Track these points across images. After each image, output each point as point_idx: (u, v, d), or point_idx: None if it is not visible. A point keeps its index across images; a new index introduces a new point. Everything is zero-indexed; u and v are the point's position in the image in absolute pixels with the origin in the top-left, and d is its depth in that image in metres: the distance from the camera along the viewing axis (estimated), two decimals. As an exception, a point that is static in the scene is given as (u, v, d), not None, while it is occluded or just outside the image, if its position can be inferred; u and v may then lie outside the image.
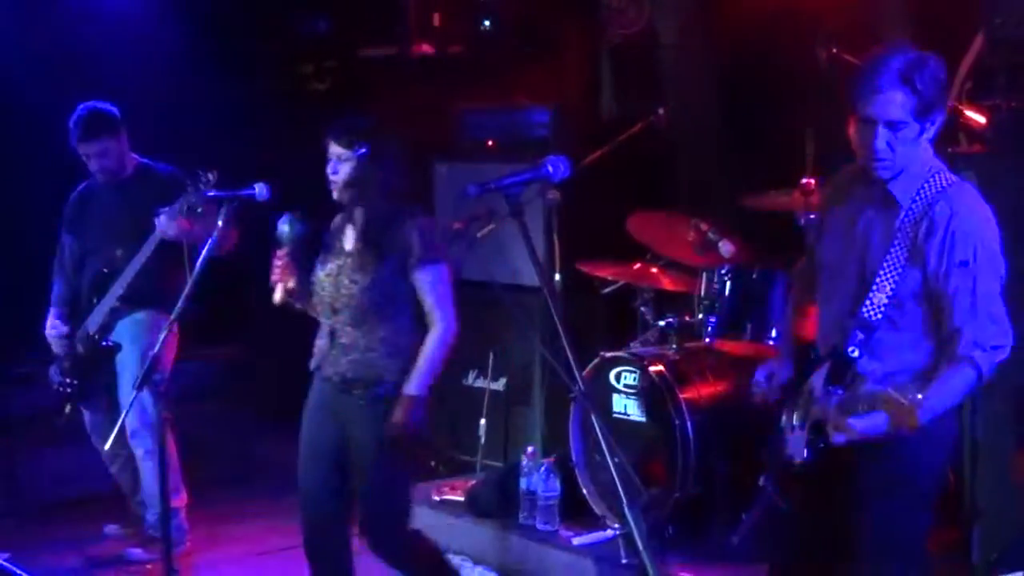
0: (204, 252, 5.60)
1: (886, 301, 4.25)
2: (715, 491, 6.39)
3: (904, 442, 4.15)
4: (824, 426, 4.18)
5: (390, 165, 5.41)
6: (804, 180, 6.34)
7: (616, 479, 3.81)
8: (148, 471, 7.10)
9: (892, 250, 4.28)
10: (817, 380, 4.33)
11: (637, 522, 3.76)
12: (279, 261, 5.49)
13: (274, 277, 5.51)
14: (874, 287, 4.27)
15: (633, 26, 8.50)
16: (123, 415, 5.76)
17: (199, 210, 6.44)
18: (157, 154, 7.26)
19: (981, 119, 5.98)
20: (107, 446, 6.00)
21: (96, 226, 7.17)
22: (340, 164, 5.38)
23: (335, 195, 5.44)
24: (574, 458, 6.76)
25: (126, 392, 6.93)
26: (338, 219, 5.65)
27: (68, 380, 7.07)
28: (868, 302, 4.27)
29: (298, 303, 5.58)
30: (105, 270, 7.02)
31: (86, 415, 7.21)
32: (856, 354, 4.22)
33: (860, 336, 4.24)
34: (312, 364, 5.60)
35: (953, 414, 4.43)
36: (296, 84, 10.26)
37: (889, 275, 4.26)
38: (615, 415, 6.69)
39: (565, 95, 8.54)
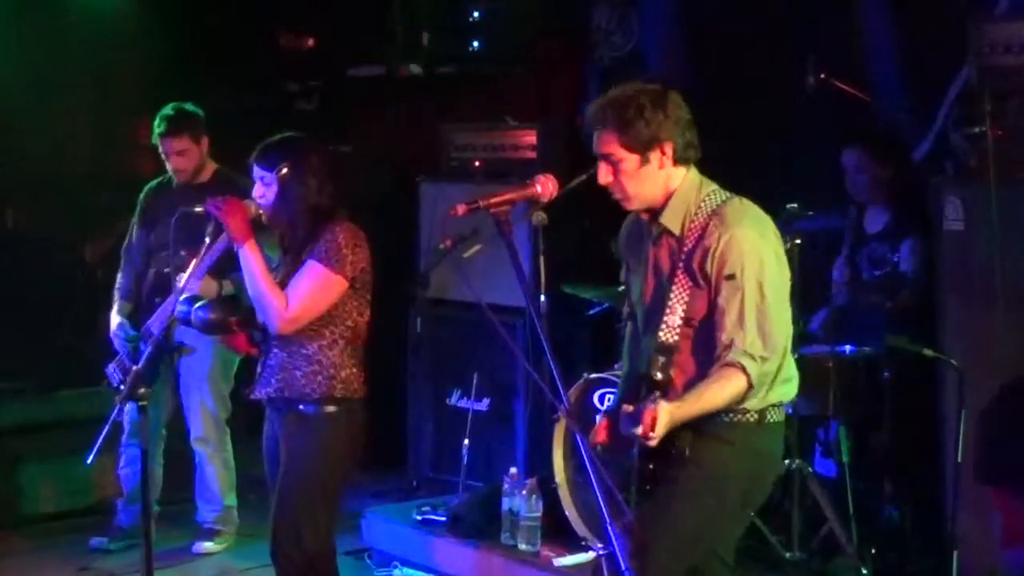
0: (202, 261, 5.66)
1: (679, 323, 4.39)
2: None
3: (712, 451, 4.35)
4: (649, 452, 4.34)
5: (312, 183, 5.35)
6: (788, 204, 6.35)
7: (600, 499, 3.80)
8: (211, 471, 7.47)
9: (678, 275, 4.42)
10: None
11: (620, 542, 3.75)
12: (234, 345, 5.60)
13: (244, 352, 5.60)
14: (667, 311, 4.41)
15: (621, 49, 8.52)
16: (103, 432, 5.70)
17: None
18: (142, 173, 7.28)
19: (967, 147, 6.00)
20: (89, 460, 5.95)
21: (166, 224, 7.19)
22: (264, 186, 5.35)
23: (263, 220, 5.38)
24: (556, 479, 6.76)
25: (189, 392, 7.37)
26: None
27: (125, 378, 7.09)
28: (664, 326, 4.40)
29: None
30: (166, 270, 7.04)
31: (130, 414, 7.20)
32: (659, 376, 4.30)
33: (661, 360, 4.33)
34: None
35: (780, 430, 4.55)
36: (282, 103, 10.26)
37: (678, 299, 4.40)
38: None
39: (553, 116, 8.56)
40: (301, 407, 5.37)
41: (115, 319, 7.29)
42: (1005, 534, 2.41)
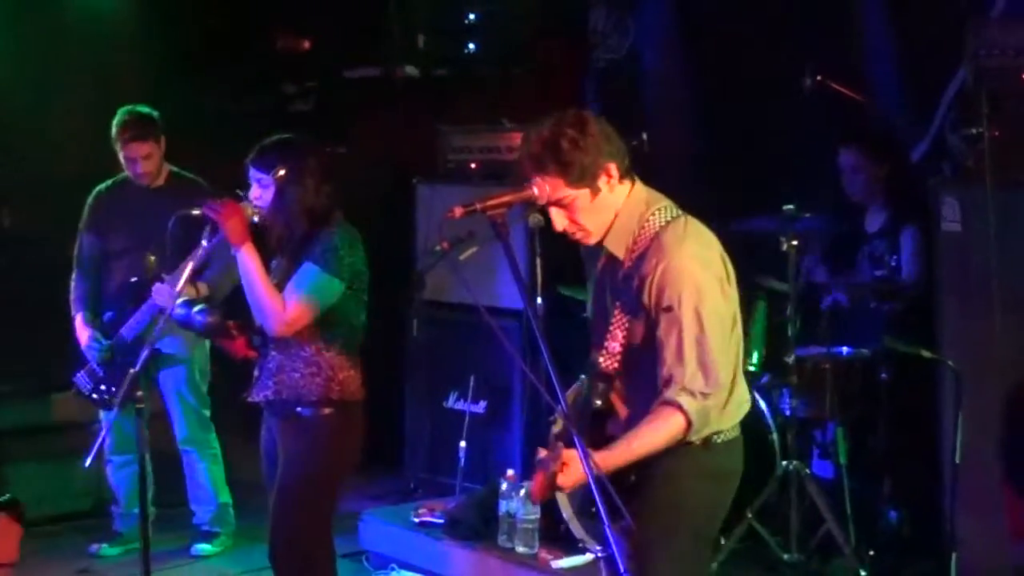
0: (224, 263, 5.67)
1: (619, 351, 4.27)
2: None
3: (682, 482, 4.22)
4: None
5: (309, 184, 5.34)
6: (786, 205, 6.35)
7: (598, 501, 3.80)
8: (201, 470, 7.46)
9: (618, 302, 4.28)
10: None
11: (618, 544, 3.75)
12: (230, 348, 5.50)
13: (242, 355, 5.51)
14: (608, 336, 4.29)
15: (617, 51, 8.53)
16: (102, 435, 5.70)
17: None
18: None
19: (964, 148, 6.01)
20: (87, 463, 5.95)
21: (125, 229, 7.17)
22: (260, 188, 5.33)
23: (257, 220, 5.35)
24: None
25: (171, 395, 7.36)
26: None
27: (104, 388, 7.06)
28: (604, 352, 4.28)
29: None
30: (135, 279, 7.02)
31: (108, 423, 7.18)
32: (598, 404, 4.22)
33: (601, 386, 4.24)
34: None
35: (734, 448, 4.40)
36: (278, 104, 10.25)
37: (619, 325, 4.27)
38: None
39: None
40: (299, 409, 5.37)
41: (84, 331, 7.19)
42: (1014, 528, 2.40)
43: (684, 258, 4.17)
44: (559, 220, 4.26)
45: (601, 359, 4.29)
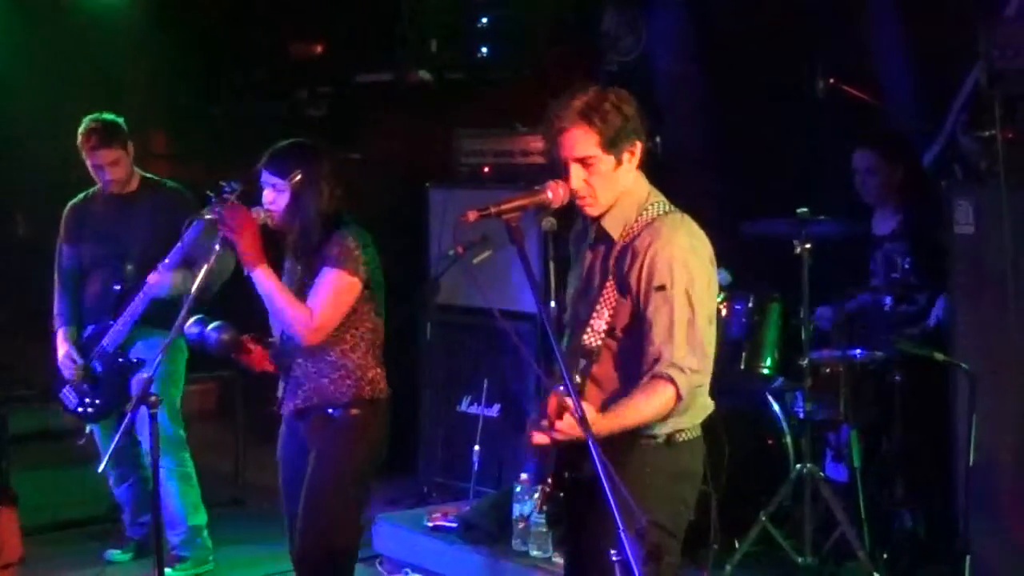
0: (200, 275, 5.61)
1: (604, 329, 4.31)
2: (709, 518, 6.38)
3: (646, 480, 4.22)
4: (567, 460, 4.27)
5: (324, 189, 5.34)
6: (799, 209, 6.34)
7: (612, 505, 3.80)
8: (170, 491, 7.14)
9: (607, 282, 4.33)
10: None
11: (633, 548, 3.74)
12: (247, 361, 5.47)
13: (260, 368, 5.49)
14: (594, 315, 4.33)
15: (630, 54, 8.52)
16: (116, 436, 5.72)
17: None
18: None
19: (977, 150, 6.00)
20: (101, 467, 5.98)
21: (98, 240, 7.15)
22: (276, 194, 5.32)
23: (270, 224, 5.35)
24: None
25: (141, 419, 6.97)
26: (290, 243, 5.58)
27: (88, 401, 7.05)
28: (589, 330, 4.32)
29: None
30: (117, 288, 7.00)
31: (99, 434, 7.18)
32: (578, 380, 4.23)
33: (583, 363, 4.27)
34: (279, 395, 5.54)
35: (697, 447, 4.43)
36: (291, 110, 10.27)
37: (605, 305, 4.32)
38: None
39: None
40: (331, 411, 5.38)
41: (61, 347, 7.14)
42: None
43: (678, 243, 4.27)
44: (577, 177, 4.31)
45: (585, 336, 4.32)
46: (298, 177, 5.30)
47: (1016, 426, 5.72)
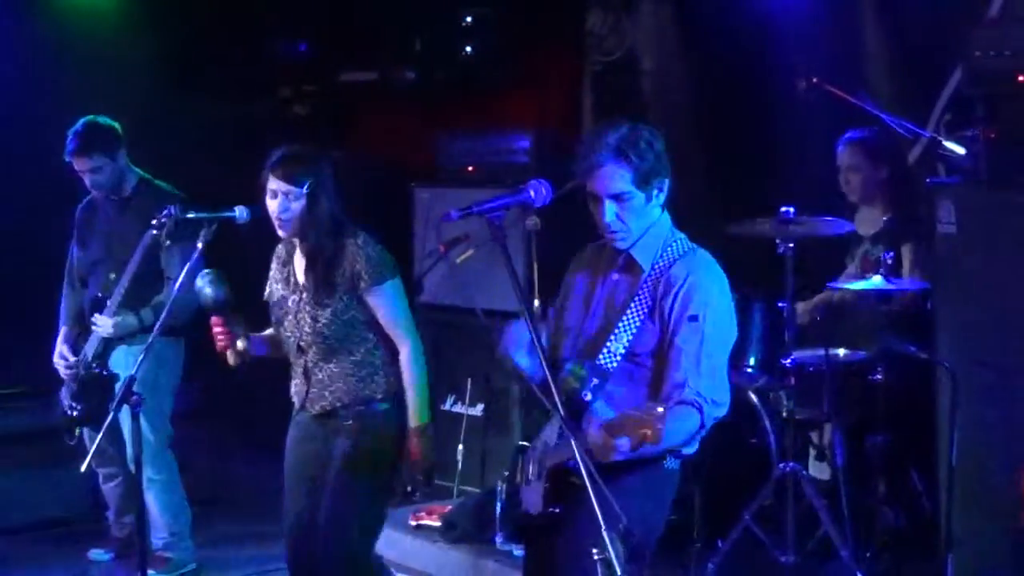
0: (182, 275, 5.62)
1: (623, 351, 4.38)
2: (692, 517, 6.39)
3: (628, 497, 4.16)
4: (560, 473, 4.30)
5: (333, 194, 5.40)
6: (784, 208, 6.35)
7: (595, 504, 3.81)
8: (152, 498, 7.11)
9: (632, 305, 4.42)
10: (550, 432, 4.47)
11: (615, 547, 3.75)
12: (217, 329, 5.45)
13: (220, 346, 5.47)
14: (612, 337, 4.40)
15: (615, 52, 8.53)
16: (98, 437, 5.72)
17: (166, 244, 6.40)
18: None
19: (960, 150, 6.01)
20: (83, 468, 5.97)
21: (99, 241, 7.15)
22: (290, 202, 5.33)
23: (281, 232, 5.39)
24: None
25: (125, 419, 6.93)
26: (280, 249, 5.60)
27: (75, 404, 7.04)
28: (605, 350, 4.39)
29: (255, 354, 5.55)
30: (100, 294, 6.99)
31: (88, 437, 7.18)
32: (589, 398, 4.25)
33: (595, 382, 4.30)
34: (296, 403, 5.56)
35: (675, 479, 4.52)
36: (276, 108, 10.26)
37: (627, 328, 4.40)
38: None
39: (547, 121, 8.56)
40: (360, 408, 5.42)
41: (59, 346, 7.18)
42: None
43: (713, 278, 4.43)
44: (610, 212, 4.41)
45: (601, 357, 4.36)
46: (312, 185, 5.33)
47: (998, 425, 5.73)
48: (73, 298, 7.28)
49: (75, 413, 7.03)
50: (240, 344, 5.47)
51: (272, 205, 5.36)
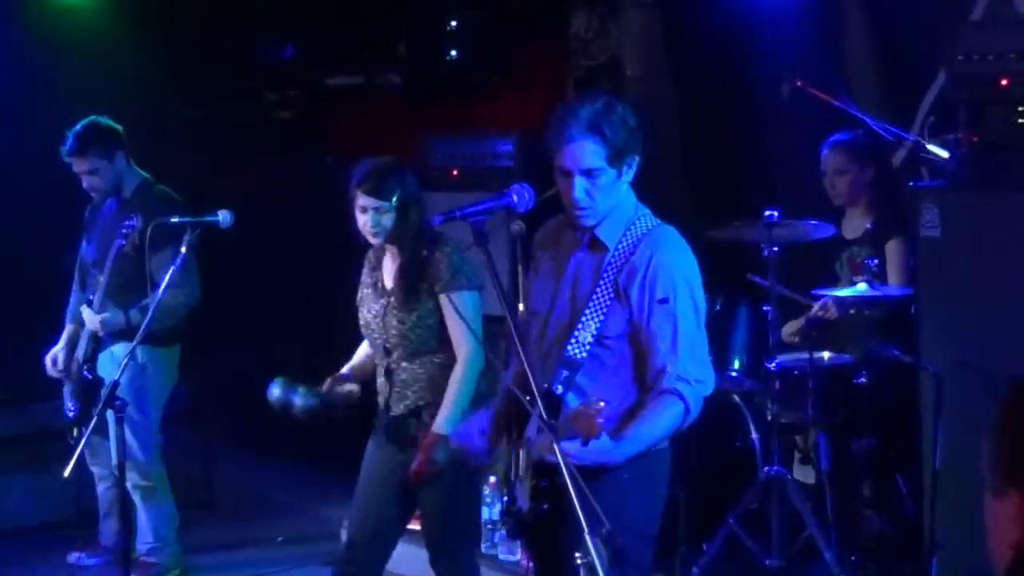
0: (165, 279, 5.62)
1: (591, 339, 4.33)
2: (677, 522, 6.40)
3: (626, 489, 4.25)
4: (543, 469, 4.28)
5: (421, 203, 5.51)
6: (767, 212, 6.35)
7: (578, 509, 3.80)
8: (138, 503, 7.11)
9: (598, 290, 4.36)
10: (531, 427, 4.42)
11: (598, 551, 3.75)
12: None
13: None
14: (579, 326, 4.35)
15: (599, 57, 8.52)
16: (81, 442, 5.71)
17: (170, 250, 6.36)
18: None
19: (943, 153, 6.02)
20: (66, 473, 5.97)
21: (96, 244, 7.15)
22: (380, 216, 5.43)
23: (372, 242, 5.51)
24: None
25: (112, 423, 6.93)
26: (371, 255, 5.70)
27: (71, 405, 7.04)
28: (574, 340, 4.34)
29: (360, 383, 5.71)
30: (91, 297, 6.99)
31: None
32: (560, 391, 4.24)
33: (565, 374, 4.28)
34: (380, 404, 5.64)
35: (666, 458, 4.50)
36: (260, 112, 10.25)
37: (595, 314, 4.34)
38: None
39: (531, 125, 8.54)
40: None
41: (55, 348, 7.18)
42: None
43: (678, 255, 4.36)
44: (580, 188, 4.34)
45: (569, 347, 4.33)
46: (401, 196, 5.42)
47: (982, 428, 5.72)
48: (74, 297, 7.29)
49: (72, 415, 7.03)
50: (355, 390, 5.66)
51: (363, 220, 5.47)
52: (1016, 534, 2.35)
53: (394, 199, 5.41)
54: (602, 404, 3.95)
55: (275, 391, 5.56)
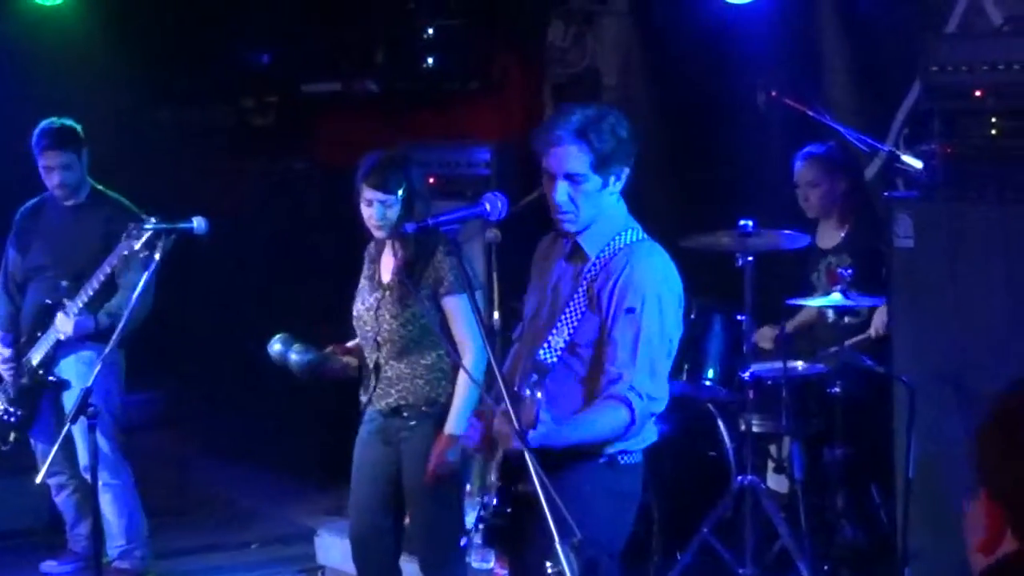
0: (140, 286, 5.60)
1: (563, 345, 4.34)
2: (651, 530, 6.40)
3: (586, 499, 4.24)
4: (510, 471, 4.32)
5: (426, 197, 5.56)
6: (742, 221, 6.36)
7: (549, 517, 3.80)
8: (107, 505, 7.04)
9: (575, 296, 4.37)
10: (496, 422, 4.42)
11: (569, 560, 3.75)
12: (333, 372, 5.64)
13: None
14: (553, 331, 4.36)
15: (576, 65, 8.53)
16: (53, 448, 5.70)
17: (140, 253, 6.33)
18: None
19: (918, 164, 6.04)
20: (38, 479, 5.95)
21: (43, 247, 7.09)
22: (385, 209, 5.46)
23: (376, 235, 5.56)
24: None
25: (76, 429, 6.86)
26: (372, 248, 5.74)
27: (12, 410, 6.99)
28: (546, 344, 4.36)
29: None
30: (49, 301, 6.94)
31: (36, 446, 7.13)
32: (528, 393, 4.18)
33: (534, 377, 4.23)
34: (362, 398, 5.67)
35: (637, 474, 4.49)
36: (238, 118, 10.24)
37: (569, 320, 4.36)
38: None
39: (508, 133, 8.56)
40: (424, 408, 5.54)
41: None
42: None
43: (653, 270, 4.33)
44: (562, 192, 4.32)
45: (541, 352, 4.34)
46: (406, 189, 5.46)
47: (954, 438, 5.75)
48: (9, 305, 7.21)
49: (12, 419, 6.99)
50: (353, 363, 5.68)
51: (368, 213, 5.50)
52: (982, 535, 2.37)
53: (400, 192, 5.45)
54: (539, 395, 3.97)
55: (275, 346, 5.58)
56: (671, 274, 4.40)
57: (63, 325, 6.83)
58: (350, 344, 5.76)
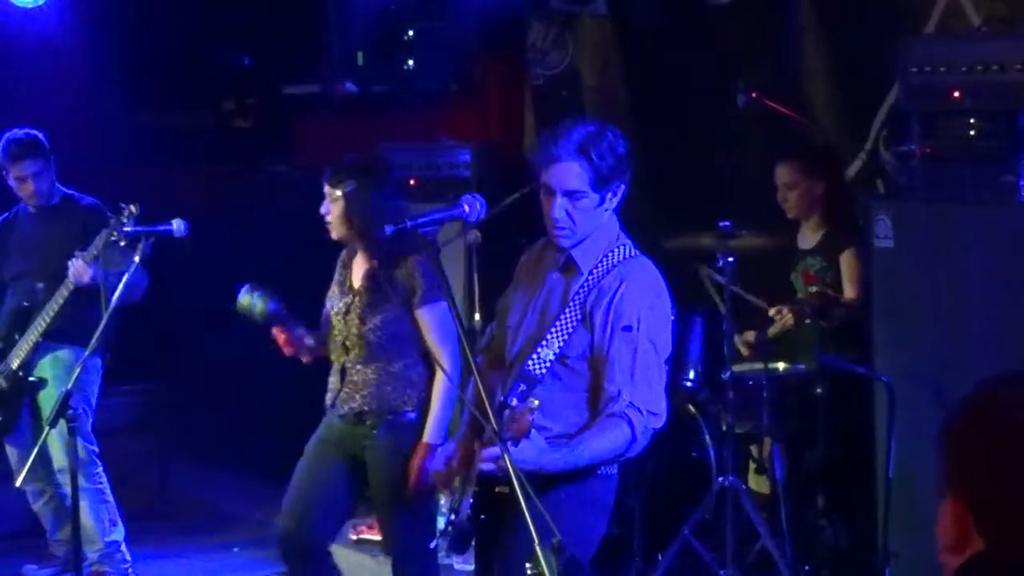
0: (120, 288, 5.58)
1: (552, 358, 4.35)
2: (632, 532, 6.40)
3: (562, 507, 4.23)
4: (485, 479, 4.31)
5: (376, 198, 5.47)
6: (722, 222, 6.37)
7: (529, 519, 3.80)
8: (84, 508, 6.93)
9: (566, 310, 4.38)
10: (484, 437, 4.44)
11: (548, 562, 3.75)
12: (281, 338, 5.60)
13: (288, 352, 5.64)
14: (543, 343, 4.37)
15: (556, 67, 8.54)
16: (33, 451, 5.69)
17: (122, 243, 6.29)
18: (75, 187, 7.20)
19: (897, 164, 6.06)
20: (18, 483, 5.93)
21: (19, 255, 7.09)
22: (331, 204, 5.48)
23: (332, 234, 5.54)
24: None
25: (53, 433, 6.83)
26: (344, 254, 5.73)
27: None
28: (535, 356, 4.36)
29: (323, 350, 5.70)
30: (26, 304, 6.93)
31: (9, 450, 7.11)
32: (515, 404, 4.21)
33: (522, 387, 4.28)
34: (327, 401, 5.66)
35: (612, 485, 4.51)
36: (218, 120, 10.22)
37: (559, 333, 4.36)
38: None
39: (488, 135, 8.56)
40: (388, 416, 5.53)
41: None
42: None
43: (647, 287, 4.37)
44: (560, 208, 4.33)
45: (529, 363, 4.34)
46: (350, 187, 5.45)
47: (935, 439, 5.75)
48: None
49: None
50: (309, 341, 5.63)
51: (324, 211, 5.54)
52: (949, 536, 2.39)
53: (342, 188, 5.45)
54: (536, 403, 3.98)
55: (241, 295, 5.58)
56: (663, 291, 4.44)
57: (81, 274, 6.74)
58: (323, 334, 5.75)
